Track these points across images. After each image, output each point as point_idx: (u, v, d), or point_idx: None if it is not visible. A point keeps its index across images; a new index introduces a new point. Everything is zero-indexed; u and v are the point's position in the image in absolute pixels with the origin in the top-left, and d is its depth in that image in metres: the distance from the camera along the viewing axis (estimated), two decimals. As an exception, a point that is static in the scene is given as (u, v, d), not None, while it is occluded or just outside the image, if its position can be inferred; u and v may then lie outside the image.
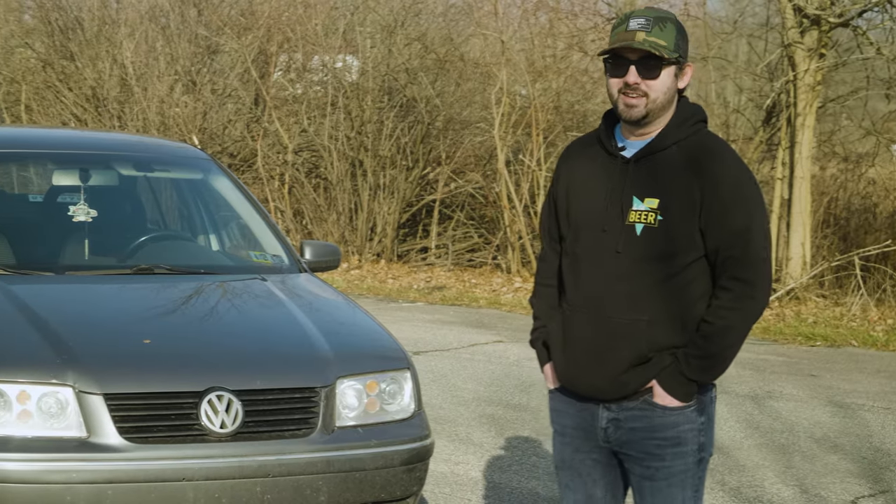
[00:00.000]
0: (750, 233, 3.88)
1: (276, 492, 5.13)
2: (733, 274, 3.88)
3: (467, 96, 19.07)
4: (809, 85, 15.28)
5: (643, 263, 3.90)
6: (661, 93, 3.90)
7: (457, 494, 6.93)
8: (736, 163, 3.93)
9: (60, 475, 4.95)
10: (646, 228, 3.89)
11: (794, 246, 15.39)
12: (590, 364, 3.97)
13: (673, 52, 3.88)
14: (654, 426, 3.98)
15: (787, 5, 15.19)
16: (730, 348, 3.93)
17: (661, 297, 3.90)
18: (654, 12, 3.93)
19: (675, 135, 3.94)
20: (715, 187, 3.86)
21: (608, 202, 3.95)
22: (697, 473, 4.04)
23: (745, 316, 3.91)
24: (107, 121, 19.15)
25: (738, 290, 3.88)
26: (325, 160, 18.45)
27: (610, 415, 4.02)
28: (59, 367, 5.11)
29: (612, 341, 3.93)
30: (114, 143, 8.21)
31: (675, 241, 3.88)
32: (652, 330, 3.90)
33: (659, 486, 4.02)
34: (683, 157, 3.91)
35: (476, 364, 10.94)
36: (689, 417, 3.98)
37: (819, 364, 11.56)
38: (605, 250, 3.94)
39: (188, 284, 6.27)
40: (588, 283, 3.98)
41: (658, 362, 3.93)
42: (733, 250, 3.88)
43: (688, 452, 4.00)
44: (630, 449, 4.03)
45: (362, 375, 5.51)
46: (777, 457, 7.95)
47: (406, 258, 18.57)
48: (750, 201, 3.90)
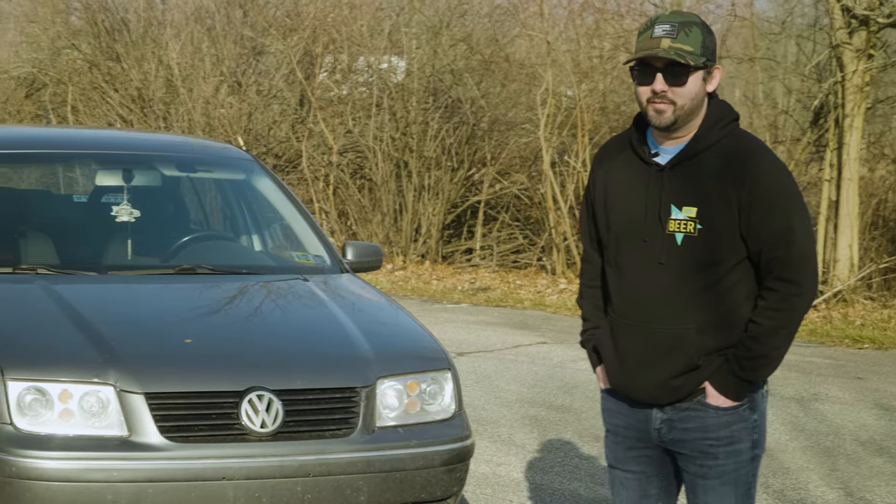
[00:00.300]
0: (793, 232, 3.85)
1: (316, 491, 5.13)
2: (779, 275, 3.86)
3: (513, 97, 19.04)
4: (857, 86, 15.14)
5: (686, 273, 3.89)
6: (688, 99, 3.85)
7: (498, 495, 6.91)
8: (772, 162, 3.89)
9: (101, 474, 4.97)
10: (686, 238, 3.87)
11: (842, 248, 15.26)
12: (641, 373, 3.98)
13: (699, 57, 3.83)
14: (708, 426, 3.97)
15: (835, 6, 15.07)
16: (779, 349, 3.91)
17: (707, 305, 3.89)
18: (679, 17, 3.88)
19: (708, 138, 3.90)
20: (753, 189, 3.82)
21: (646, 211, 3.93)
22: (751, 471, 4.03)
23: (793, 316, 3.90)
24: (152, 122, 19.26)
25: (784, 291, 3.86)
26: (369, 161, 18.48)
27: (663, 416, 4.02)
28: (100, 367, 5.13)
29: (662, 351, 3.92)
30: (157, 143, 8.25)
31: (717, 248, 3.86)
32: (700, 337, 3.90)
33: (712, 485, 4.01)
34: (719, 160, 3.88)
35: (519, 365, 10.91)
36: (741, 416, 3.98)
37: (866, 367, 11.46)
38: (647, 261, 3.93)
39: (230, 284, 6.29)
40: (633, 293, 3.97)
41: (708, 365, 3.93)
42: (777, 251, 3.85)
43: (741, 451, 4.00)
44: (683, 448, 4.03)
45: (403, 376, 5.51)
46: (822, 459, 7.89)
47: (451, 259, 18.56)
48: (790, 200, 3.86)
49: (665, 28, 3.83)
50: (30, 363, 5.17)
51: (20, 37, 23.54)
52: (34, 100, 22.01)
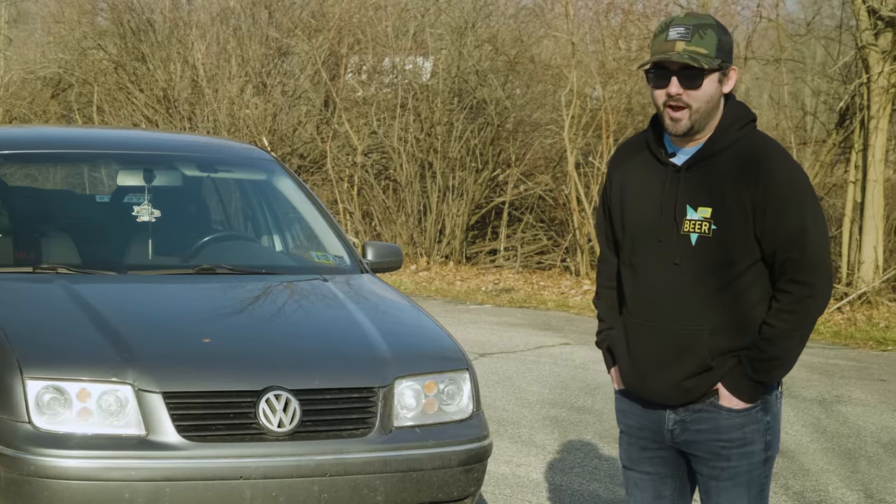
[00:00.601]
0: (807, 234, 3.84)
1: (333, 491, 5.14)
2: (792, 276, 3.85)
3: (538, 98, 19.03)
4: (883, 87, 15.09)
5: (700, 273, 3.89)
6: (703, 102, 3.85)
7: (517, 496, 6.92)
8: (787, 163, 3.89)
9: (119, 472, 4.99)
10: (700, 238, 3.87)
11: (867, 250, 15.20)
12: (654, 374, 3.99)
13: (714, 60, 3.83)
14: (720, 428, 3.97)
15: (860, 7, 15.01)
16: (792, 351, 3.91)
17: (721, 306, 3.89)
18: (694, 19, 3.87)
19: (724, 139, 3.90)
20: (767, 190, 3.82)
21: (661, 212, 3.93)
22: (764, 473, 4.03)
23: (806, 318, 3.89)
24: (177, 122, 19.33)
25: (797, 293, 3.85)
26: (394, 162, 18.50)
27: (676, 417, 4.02)
28: (119, 366, 5.15)
29: (675, 352, 3.93)
30: (178, 143, 8.27)
31: (731, 248, 3.86)
32: (714, 338, 3.90)
33: (725, 486, 4.02)
34: (734, 162, 3.88)
35: (542, 366, 10.91)
36: (754, 418, 3.98)
37: (890, 369, 11.41)
38: (662, 262, 3.93)
39: (249, 284, 6.31)
40: (647, 293, 3.98)
41: (721, 366, 3.92)
42: (791, 253, 3.84)
43: (754, 452, 4.00)
44: (696, 449, 4.03)
45: (421, 376, 5.51)
46: (842, 461, 7.86)
47: (474, 260, 18.56)
48: (804, 201, 3.85)
49: (679, 31, 3.83)
50: (48, 362, 5.19)
51: (46, 37, 23.67)
52: (60, 100, 22.12)
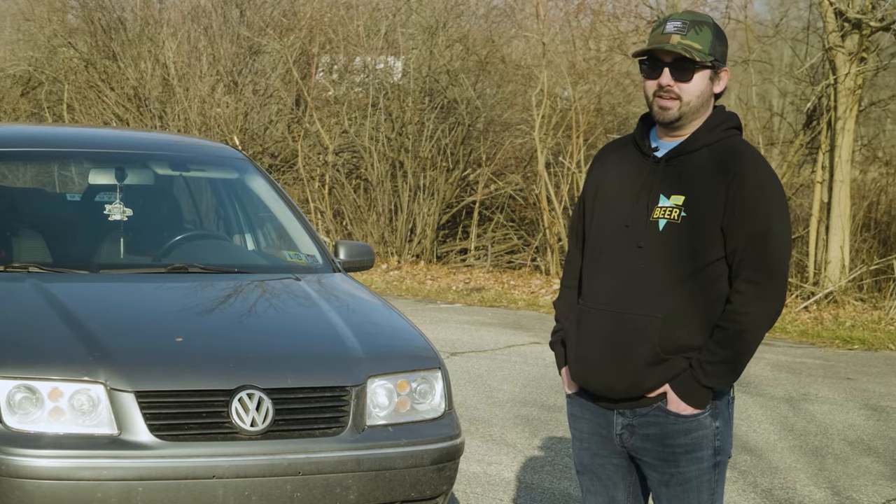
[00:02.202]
0: (769, 235, 3.86)
1: (305, 490, 5.16)
2: (748, 276, 3.87)
3: (508, 98, 19.09)
4: (850, 89, 15.20)
5: (664, 259, 3.90)
6: (693, 96, 3.91)
7: (489, 494, 6.95)
8: (762, 166, 3.93)
9: (91, 472, 4.99)
10: (668, 224, 3.89)
11: (833, 249, 15.32)
12: (603, 361, 3.96)
13: (707, 56, 3.89)
14: (668, 433, 3.97)
15: (828, 9, 15.13)
16: (744, 353, 3.90)
17: (680, 296, 3.89)
18: (691, 16, 3.94)
19: (706, 138, 3.95)
20: (739, 188, 3.86)
21: (636, 199, 3.96)
22: (714, 477, 4.02)
23: (760, 320, 3.88)
24: (148, 120, 19.29)
25: (752, 293, 3.86)
26: (365, 161, 18.51)
27: (624, 420, 4.02)
28: (91, 365, 5.15)
29: (627, 338, 3.91)
30: (150, 142, 8.27)
31: (697, 238, 3.88)
32: (668, 329, 3.88)
33: (675, 492, 4.02)
34: (712, 158, 3.93)
35: (512, 365, 10.95)
36: (703, 423, 3.97)
37: (856, 367, 11.51)
38: (626, 246, 3.94)
39: (222, 283, 6.32)
40: (606, 278, 3.98)
41: (673, 365, 3.91)
42: (750, 252, 3.86)
43: (703, 458, 3.99)
44: (645, 455, 4.03)
45: (393, 375, 5.54)
46: (810, 459, 7.93)
47: (445, 259, 18.60)
48: (772, 205, 3.88)
49: (676, 25, 3.90)
50: (20, 361, 5.19)
51: (16, 35, 23.55)
52: (30, 98, 22.03)
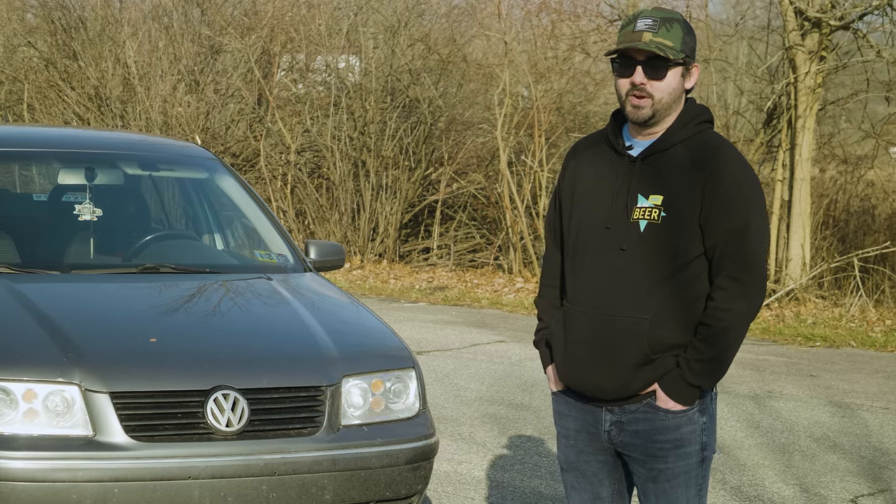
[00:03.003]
0: (748, 231, 3.87)
1: (281, 490, 5.16)
2: (729, 273, 3.88)
3: (470, 97, 19.12)
4: (810, 87, 15.32)
5: (646, 261, 3.90)
6: (666, 93, 3.91)
7: (460, 493, 6.97)
8: (738, 162, 3.94)
9: (66, 473, 4.96)
10: (649, 225, 3.90)
11: (794, 247, 15.44)
12: (592, 364, 3.97)
13: (679, 53, 3.90)
14: (657, 429, 3.98)
15: (788, 8, 15.24)
16: (729, 350, 3.92)
17: (664, 296, 3.90)
18: (661, 13, 3.94)
19: (679, 134, 3.95)
20: (716, 185, 3.86)
21: (613, 200, 3.96)
22: (700, 473, 4.05)
23: (742, 316, 3.90)
24: (109, 120, 19.19)
25: (732, 290, 3.87)
26: (327, 160, 18.49)
27: (613, 417, 4.03)
28: (65, 366, 5.13)
29: (615, 340, 3.92)
30: (119, 142, 8.23)
31: (678, 237, 3.88)
32: (654, 329, 3.89)
33: (662, 488, 4.04)
34: (688, 155, 3.92)
35: (478, 364, 10.98)
36: (691, 419, 3.99)
37: (818, 364, 11.60)
38: (608, 248, 3.94)
39: (194, 283, 6.30)
40: (591, 280, 3.98)
41: (661, 364, 3.93)
42: (729, 248, 3.87)
43: (690, 453, 4.01)
44: (633, 451, 4.04)
45: (367, 374, 5.54)
46: (777, 456, 8.00)
47: (408, 259, 18.61)
48: (750, 200, 3.89)
49: (647, 22, 3.90)
50: None
51: (-25, 34, 23.36)
52: (-11, 98, 21.87)
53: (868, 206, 19.04)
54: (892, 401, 9.87)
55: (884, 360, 12.01)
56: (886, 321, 13.98)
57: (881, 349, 12.71)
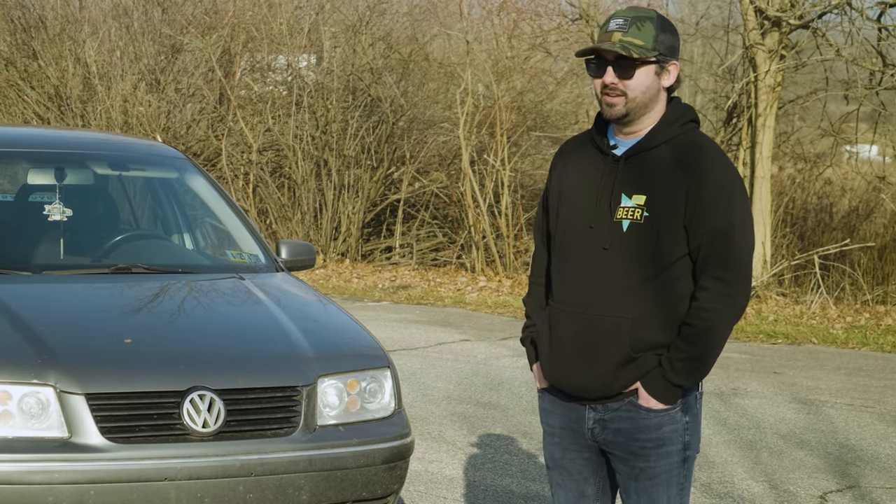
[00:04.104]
0: (733, 230, 3.88)
1: (258, 491, 5.15)
2: (713, 273, 3.88)
3: (431, 96, 19.13)
4: (770, 86, 15.43)
5: (629, 261, 3.91)
6: (638, 92, 3.91)
7: (432, 492, 6.97)
8: (722, 162, 3.95)
9: (42, 475, 4.94)
10: (632, 225, 3.91)
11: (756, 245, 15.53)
12: (575, 363, 3.98)
13: (650, 51, 3.89)
14: (639, 427, 4.00)
15: (748, 7, 15.34)
16: (712, 350, 3.93)
17: (647, 295, 3.91)
18: (634, 12, 3.94)
19: (664, 134, 3.95)
20: (700, 184, 3.87)
21: (597, 199, 3.97)
22: (682, 472, 4.06)
23: (725, 316, 3.90)
24: (70, 120, 19.07)
25: (717, 290, 3.87)
26: (289, 159, 18.46)
27: (596, 415, 4.04)
28: (40, 367, 5.09)
29: (598, 340, 3.93)
30: (89, 141, 8.17)
31: (661, 237, 3.90)
32: (636, 328, 3.91)
33: (644, 486, 4.05)
34: (672, 155, 3.93)
35: (444, 363, 10.99)
36: (673, 418, 4.00)
37: (781, 361, 11.68)
38: (592, 247, 3.96)
39: (167, 284, 6.27)
40: (574, 279, 3.99)
41: (644, 363, 3.94)
42: (714, 248, 3.88)
43: (672, 452, 4.03)
44: (616, 448, 4.05)
45: (343, 374, 5.54)
46: (745, 453, 8.05)
47: (370, 258, 18.60)
48: (733, 200, 3.90)
49: (619, 22, 3.92)
50: None
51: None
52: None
53: (826, 203, 19.20)
54: (856, 397, 9.96)
55: (845, 357, 12.11)
56: (847, 318, 14.10)
57: (842, 346, 12.81)
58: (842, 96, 16.90)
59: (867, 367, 11.47)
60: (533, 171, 19.15)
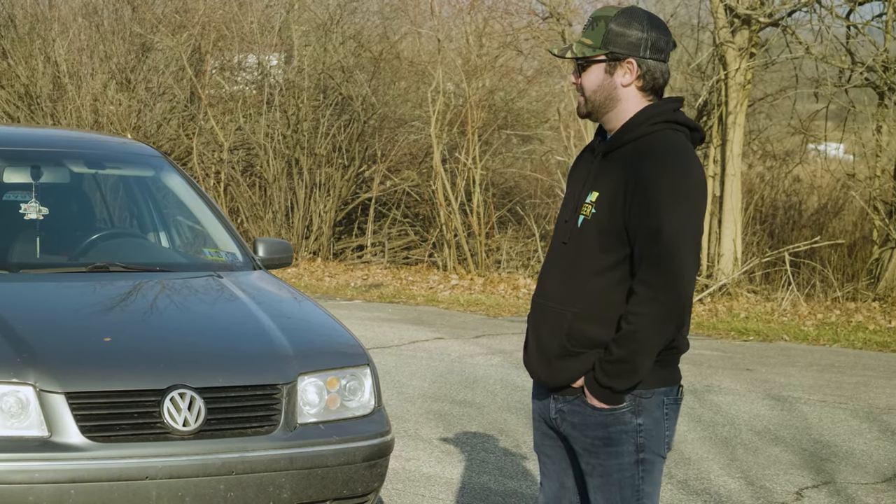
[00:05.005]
0: (660, 234, 3.80)
1: (239, 489, 5.14)
2: (643, 276, 3.83)
3: (402, 94, 19.13)
4: (740, 84, 15.50)
5: (579, 256, 3.96)
6: (590, 90, 3.96)
7: (410, 490, 6.98)
8: (671, 163, 3.86)
9: (22, 475, 4.92)
10: (584, 220, 3.96)
11: (726, 242, 15.61)
12: (532, 351, 4.07)
13: (596, 50, 3.92)
14: (587, 423, 4.00)
15: (718, 5, 15.40)
16: (638, 354, 3.83)
17: (592, 292, 3.92)
18: (600, 12, 3.98)
19: (633, 132, 3.93)
20: (638, 185, 3.85)
21: (579, 196, 4.04)
22: (637, 475, 4.00)
23: (652, 321, 3.81)
24: (40, 119, 18.98)
25: (642, 294, 3.81)
26: (260, 158, 18.42)
27: (557, 405, 4.07)
28: (19, 366, 5.07)
29: (543, 331, 4.01)
30: (65, 140, 8.13)
31: (605, 235, 3.91)
32: (578, 323, 3.92)
33: (596, 483, 4.03)
34: (632, 153, 3.93)
35: (418, 361, 10.99)
36: (620, 419, 3.95)
37: (753, 358, 11.74)
38: (557, 242, 4.06)
39: (145, 282, 6.25)
40: (543, 272, 4.11)
41: (588, 359, 3.93)
42: (644, 249, 3.83)
43: (622, 453, 3.97)
44: (574, 442, 4.06)
45: (323, 372, 5.54)
46: (721, 449, 8.08)
47: (342, 256, 18.58)
48: (670, 202, 3.81)
49: (587, 23, 4.01)
50: None
51: None
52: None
53: (795, 201, 19.30)
54: (829, 393, 10.02)
55: (817, 354, 12.18)
56: (818, 315, 14.18)
57: (813, 342, 12.89)
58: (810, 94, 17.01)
59: (839, 364, 11.55)
60: (504, 169, 19.19)
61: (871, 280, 15.76)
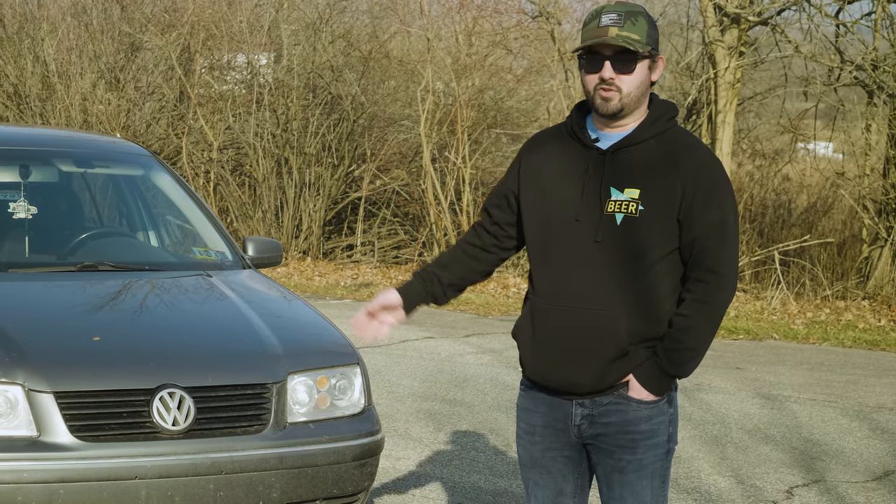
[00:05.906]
0: (725, 226, 3.91)
1: (228, 489, 5.13)
2: (709, 266, 3.90)
3: (392, 94, 19.12)
4: (729, 82, 15.52)
5: (622, 254, 3.91)
6: (634, 87, 3.91)
7: (400, 489, 6.97)
8: (711, 158, 3.99)
9: (11, 475, 4.90)
10: (626, 218, 3.90)
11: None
12: (566, 359, 3.95)
13: (646, 46, 3.90)
14: (629, 420, 3.98)
15: (707, 4, 15.42)
16: (706, 342, 3.95)
17: (638, 288, 3.91)
18: (624, 7, 3.93)
19: (654, 128, 3.96)
20: (695, 181, 3.89)
21: (583, 193, 3.95)
22: (666, 464, 4.07)
23: (718, 309, 3.93)
24: (29, 118, 18.95)
25: (712, 283, 3.89)
26: (250, 158, 18.40)
27: (584, 411, 4.02)
28: (8, 366, 5.06)
29: (592, 334, 3.91)
30: (54, 139, 8.11)
31: (655, 231, 3.90)
32: (631, 322, 3.90)
33: (629, 479, 4.02)
34: (661, 150, 3.94)
35: (409, 360, 10.99)
36: (661, 409, 4.00)
37: (743, 357, 11.75)
38: (580, 240, 3.94)
39: (134, 281, 6.23)
40: (562, 274, 3.96)
41: (636, 356, 3.93)
42: (708, 242, 3.90)
43: (659, 444, 4.02)
44: (603, 442, 4.03)
45: (313, 371, 5.53)
46: (711, 448, 8.08)
47: (332, 256, 18.57)
48: (725, 196, 3.94)
49: (612, 17, 3.90)
50: None
51: None
52: None
53: (784, 200, 19.32)
54: (819, 392, 10.03)
55: (807, 352, 12.20)
56: (807, 313, 14.20)
57: (803, 341, 12.91)
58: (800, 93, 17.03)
59: (829, 363, 11.56)
60: (493, 169, 19.18)
61: (860, 278, 15.78)
